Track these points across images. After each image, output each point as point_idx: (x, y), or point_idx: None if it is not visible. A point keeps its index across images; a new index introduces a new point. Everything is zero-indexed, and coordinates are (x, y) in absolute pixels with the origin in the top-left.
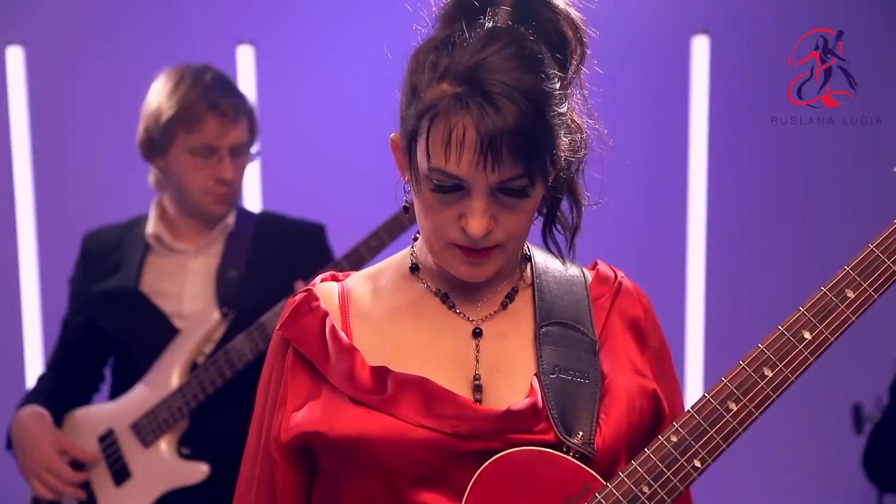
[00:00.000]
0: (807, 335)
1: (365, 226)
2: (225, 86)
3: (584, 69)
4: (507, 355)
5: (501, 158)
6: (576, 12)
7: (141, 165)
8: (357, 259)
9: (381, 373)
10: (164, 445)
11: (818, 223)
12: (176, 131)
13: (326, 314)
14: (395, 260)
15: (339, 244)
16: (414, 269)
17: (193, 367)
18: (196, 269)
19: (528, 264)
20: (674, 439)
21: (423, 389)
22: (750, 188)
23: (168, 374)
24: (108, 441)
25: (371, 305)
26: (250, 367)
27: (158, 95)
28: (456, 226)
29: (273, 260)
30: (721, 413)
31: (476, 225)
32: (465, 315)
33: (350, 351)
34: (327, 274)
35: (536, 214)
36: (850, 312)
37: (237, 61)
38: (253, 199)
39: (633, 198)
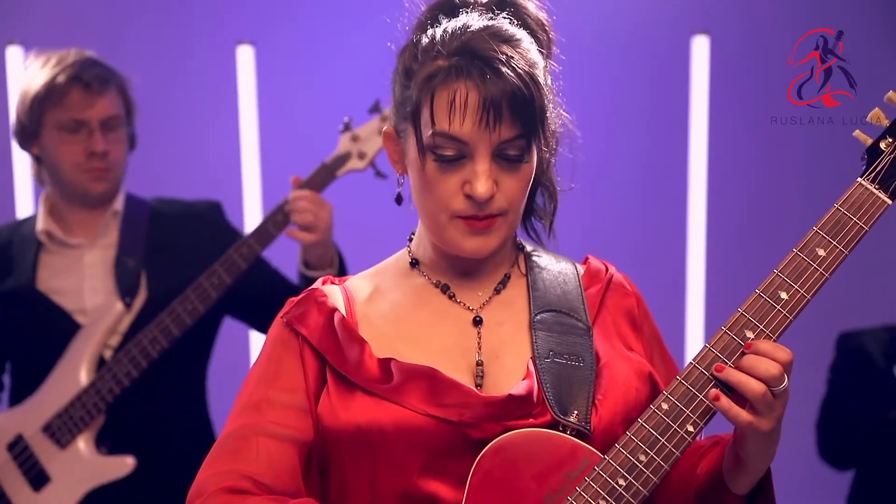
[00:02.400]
0: (783, 295)
1: (365, 224)
2: (90, 61)
3: (552, 62)
4: (505, 342)
5: (502, 118)
6: (544, 15)
7: (140, 165)
8: (265, 235)
9: (388, 363)
10: (82, 444)
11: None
12: (44, 109)
13: (335, 309)
14: (393, 260)
15: (340, 244)
16: (414, 263)
17: (101, 361)
18: (93, 262)
19: (521, 255)
20: (665, 407)
21: (430, 379)
22: (750, 188)
23: (75, 372)
24: (19, 448)
25: (374, 303)
26: (165, 354)
27: (25, 80)
28: (459, 195)
29: (174, 244)
30: (708, 377)
31: (481, 186)
32: (465, 304)
33: (359, 342)
34: (325, 277)
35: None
36: (823, 270)
37: (237, 61)
38: (253, 199)
39: (634, 197)
